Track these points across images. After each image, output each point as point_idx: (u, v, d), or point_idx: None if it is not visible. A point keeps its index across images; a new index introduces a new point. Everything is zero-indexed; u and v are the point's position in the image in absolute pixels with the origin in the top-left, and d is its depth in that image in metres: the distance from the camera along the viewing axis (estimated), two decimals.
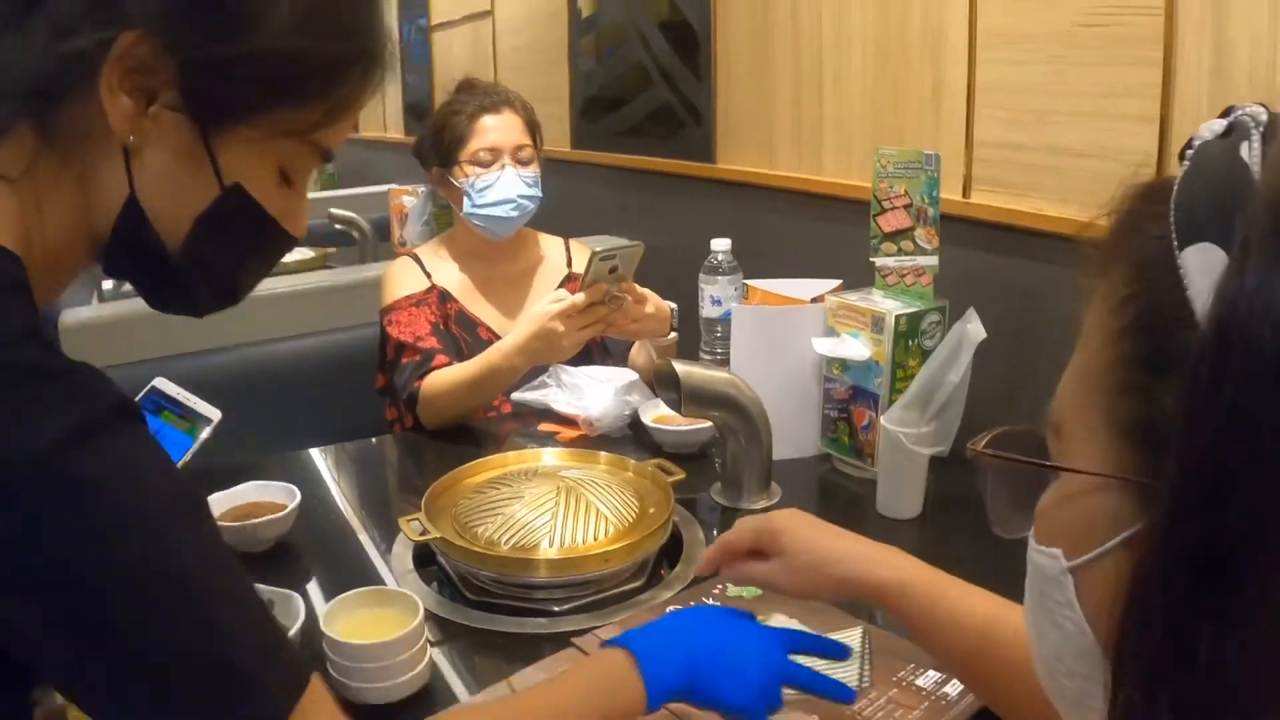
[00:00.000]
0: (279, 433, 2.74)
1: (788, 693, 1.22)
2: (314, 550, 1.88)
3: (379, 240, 4.36)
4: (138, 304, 3.39)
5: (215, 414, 1.96)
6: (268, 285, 3.47)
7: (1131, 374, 0.65)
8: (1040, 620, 0.74)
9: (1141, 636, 0.62)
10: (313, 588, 1.72)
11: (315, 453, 2.37)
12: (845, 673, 1.37)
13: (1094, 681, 0.69)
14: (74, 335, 2.94)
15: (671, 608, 1.53)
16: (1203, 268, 0.60)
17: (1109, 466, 0.66)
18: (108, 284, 4.57)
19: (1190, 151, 0.66)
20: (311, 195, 6.11)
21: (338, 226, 4.46)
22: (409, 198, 3.54)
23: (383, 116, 7.30)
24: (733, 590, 1.59)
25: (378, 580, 1.70)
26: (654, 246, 2.30)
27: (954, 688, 1.36)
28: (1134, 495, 0.65)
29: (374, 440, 2.50)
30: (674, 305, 2.35)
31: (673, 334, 2.36)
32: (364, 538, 1.92)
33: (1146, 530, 0.62)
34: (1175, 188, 0.65)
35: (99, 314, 3.12)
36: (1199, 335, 0.58)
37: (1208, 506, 0.58)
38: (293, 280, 3.59)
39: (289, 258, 4.47)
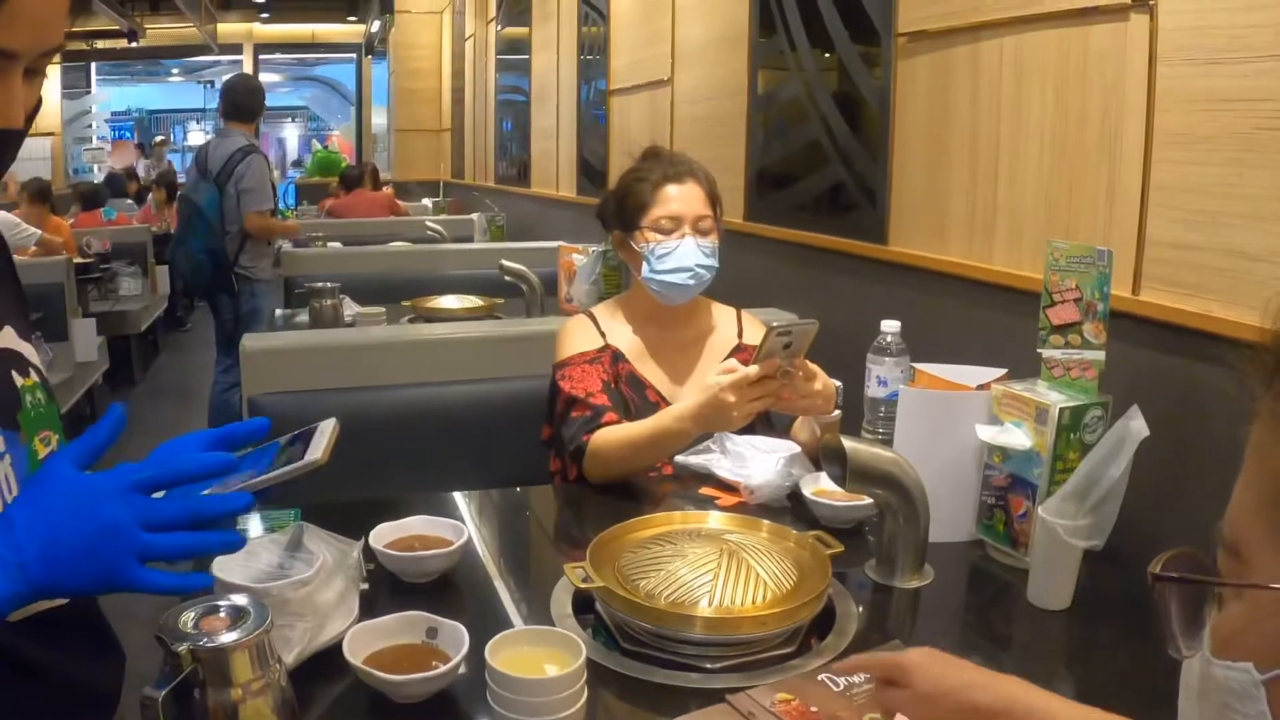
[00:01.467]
0: (437, 472, 2.82)
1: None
2: (475, 587, 1.94)
3: (546, 294, 4.45)
4: (317, 335, 3.57)
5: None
6: (441, 329, 3.61)
7: None
8: None
9: None
10: (471, 624, 1.76)
11: (478, 495, 2.43)
12: None
13: None
14: (255, 360, 3.04)
15: (822, 676, 1.57)
16: None
17: None
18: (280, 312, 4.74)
19: None
20: (480, 245, 6.31)
21: (507, 278, 4.55)
22: (579, 256, 3.62)
23: (555, 175, 7.41)
24: None
25: (536, 622, 1.75)
26: (822, 323, 2.34)
27: None
28: None
29: (539, 489, 2.58)
30: (839, 383, 2.39)
31: (837, 411, 2.40)
32: (524, 580, 1.99)
33: None
34: None
35: (277, 342, 3.24)
36: None
37: None
38: (462, 327, 3.68)
39: (454, 303, 4.62)
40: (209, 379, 6.55)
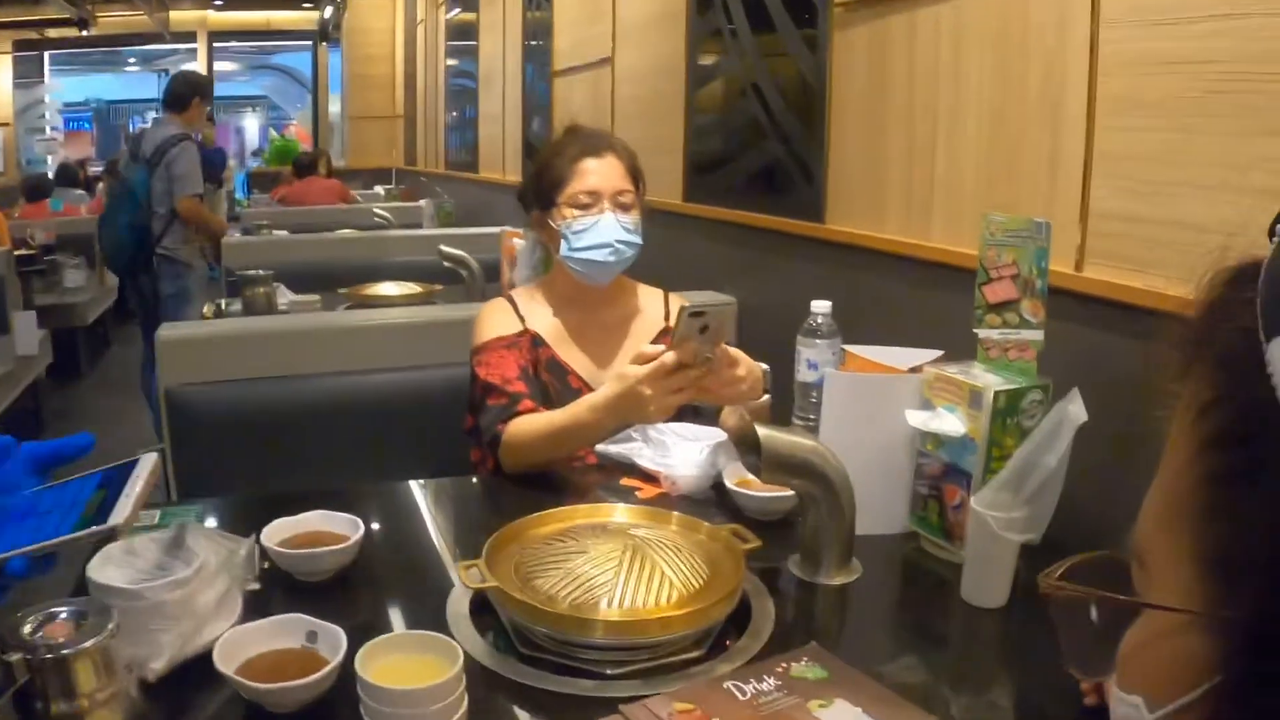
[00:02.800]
0: (365, 463, 2.77)
1: None
2: (373, 587, 1.85)
3: (488, 280, 4.37)
4: (238, 323, 3.47)
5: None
6: (368, 315, 3.51)
7: (1217, 494, 0.57)
8: None
9: None
10: (364, 625, 1.66)
11: (394, 486, 2.34)
12: None
13: None
14: (173, 350, 2.96)
15: (729, 683, 1.45)
16: None
17: (1193, 603, 0.58)
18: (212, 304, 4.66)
19: None
20: (423, 232, 6.29)
21: (446, 264, 4.49)
22: (519, 240, 3.55)
23: (502, 159, 7.34)
24: (796, 670, 1.50)
25: (431, 623, 1.62)
26: (758, 306, 2.24)
27: None
28: (1219, 637, 0.56)
29: (457, 480, 2.46)
30: (766, 367, 2.28)
31: (765, 397, 2.29)
32: (426, 578, 1.89)
33: (1223, 681, 0.55)
34: (1264, 267, 0.57)
35: (198, 330, 3.16)
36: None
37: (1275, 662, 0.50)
38: (394, 313, 3.60)
39: (392, 290, 4.56)
40: None
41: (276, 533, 1.85)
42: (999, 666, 1.72)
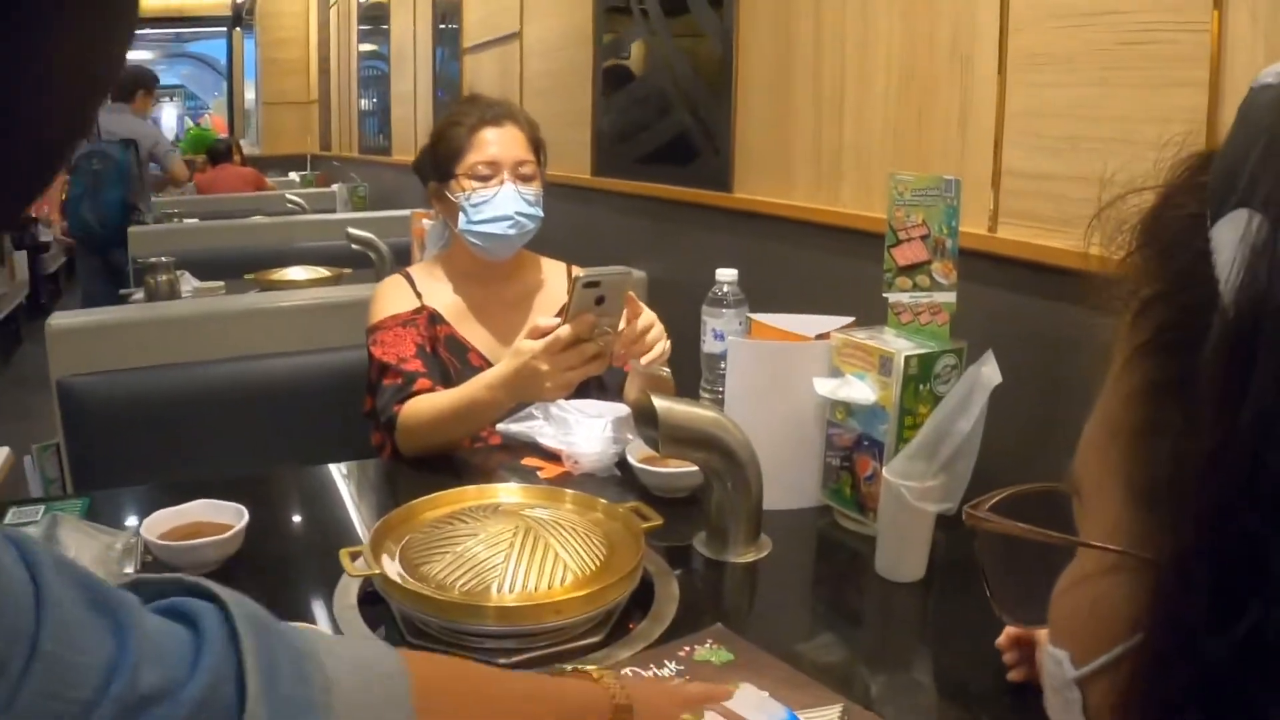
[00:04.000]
0: (265, 450, 2.69)
1: None
2: (259, 578, 1.74)
3: (398, 264, 4.27)
4: (132, 310, 3.35)
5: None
6: (271, 299, 3.41)
7: (1150, 409, 0.49)
8: None
9: None
10: None
11: (286, 473, 2.26)
12: None
13: None
14: (64, 339, 2.87)
15: (629, 669, 1.37)
16: (1235, 240, 0.43)
17: (1121, 539, 0.50)
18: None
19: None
20: (334, 216, 6.18)
21: (355, 247, 4.39)
22: (429, 221, 3.45)
23: (414, 140, 7.24)
24: (700, 654, 1.42)
25: (320, 615, 1.56)
26: (668, 279, 2.17)
27: None
28: (1143, 582, 0.48)
29: (354, 464, 2.36)
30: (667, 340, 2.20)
31: (665, 370, 2.20)
32: (313, 568, 1.78)
33: (1141, 648, 0.46)
34: (1222, 145, 0.48)
35: (89, 319, 3.05)
36: (1220, 327, 0.42)
37: (1215, 609, 0.41)
38: (292, 295, 3.52)
39: (300, 275, 4.46)
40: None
41: (158, 524, 1.75)
42: (918, 642, 1.65)
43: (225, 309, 3.27)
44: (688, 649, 1.44)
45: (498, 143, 2.38)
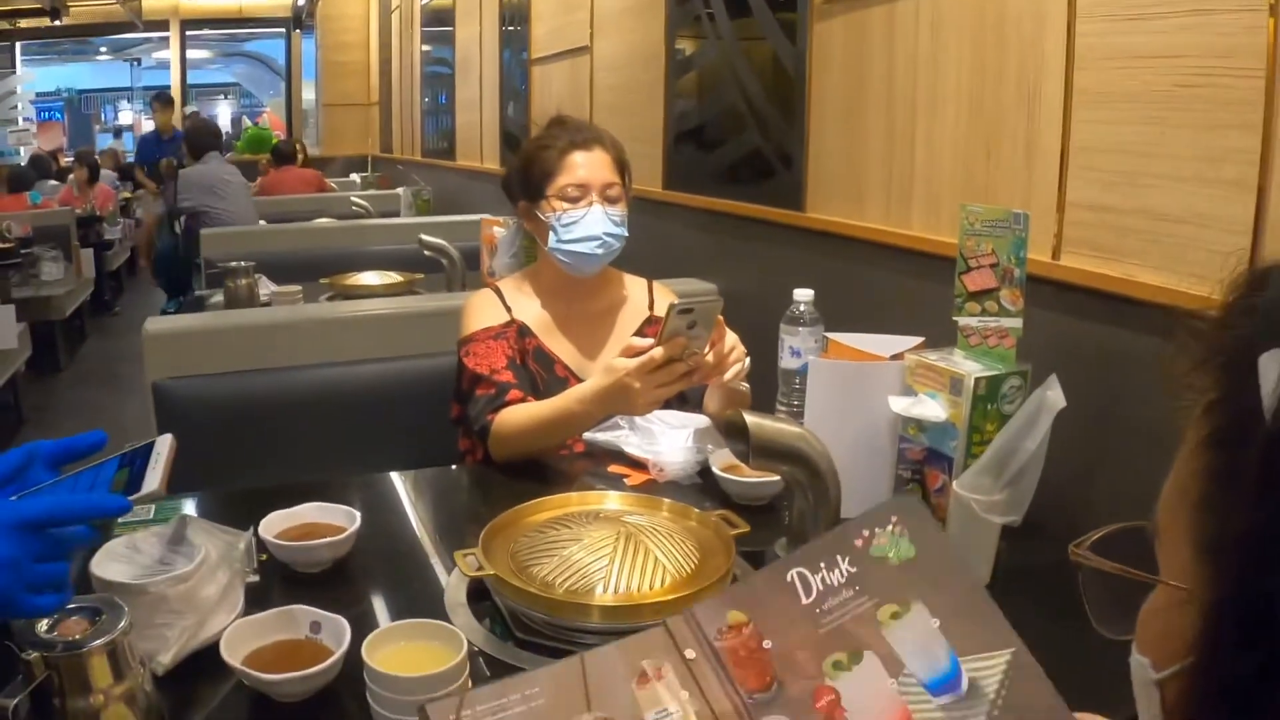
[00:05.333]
0: (354, 453, 2.77)
1: None
2: (370, 577, 1.87)
3: (468, 269, 4.37)
4: (224, 316, 3.48)
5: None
6: (352, 307, 3.53)
7: (1208, 489, 0.62)
8: None
9: None
10: (364, 614, 1.71)
11: (385, 477, 2.36)
12: None
13: None
14: (158, 344, 2.97)
15: (796, 570, 1.28)
16: (1276, 376, 0.56)
17: (1188, 581, 0.64)
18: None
19: None
20: (403, 220, 6.28)
21: (427, 253, 4.48)
22: (500, 229, 3.56)
23: (479, 146, 7.33)
24: (878, 547, 1.20)
25: (431, 611, 1.66)
26: (738, 293, 2.27)
27: None
28: (1201, 616, 0.62)
29: (446, 470, 2.50)
30: (748, 357, 2.31)
31: (744, 385, 2.32)
32: (423, 567, 1.91)
33: (1196, 659, 0.60)
34: (1271, 281, 0.61)
35: (184, 324, 3.17)
36: (1261, 446, 0.55)
37: (1244, 641, 0.55)
38: (378, 304, 3.61)
39: (374, 279, 4.58)
40: (136, 364, 6.56)
41: (273, 525, 1.87)
42: None
43: (312, 316, 3.36)
44: (865, 535, 1.23)
45: (586, 166, 2.49)
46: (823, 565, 1.19)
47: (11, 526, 1.18)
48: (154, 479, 1.28)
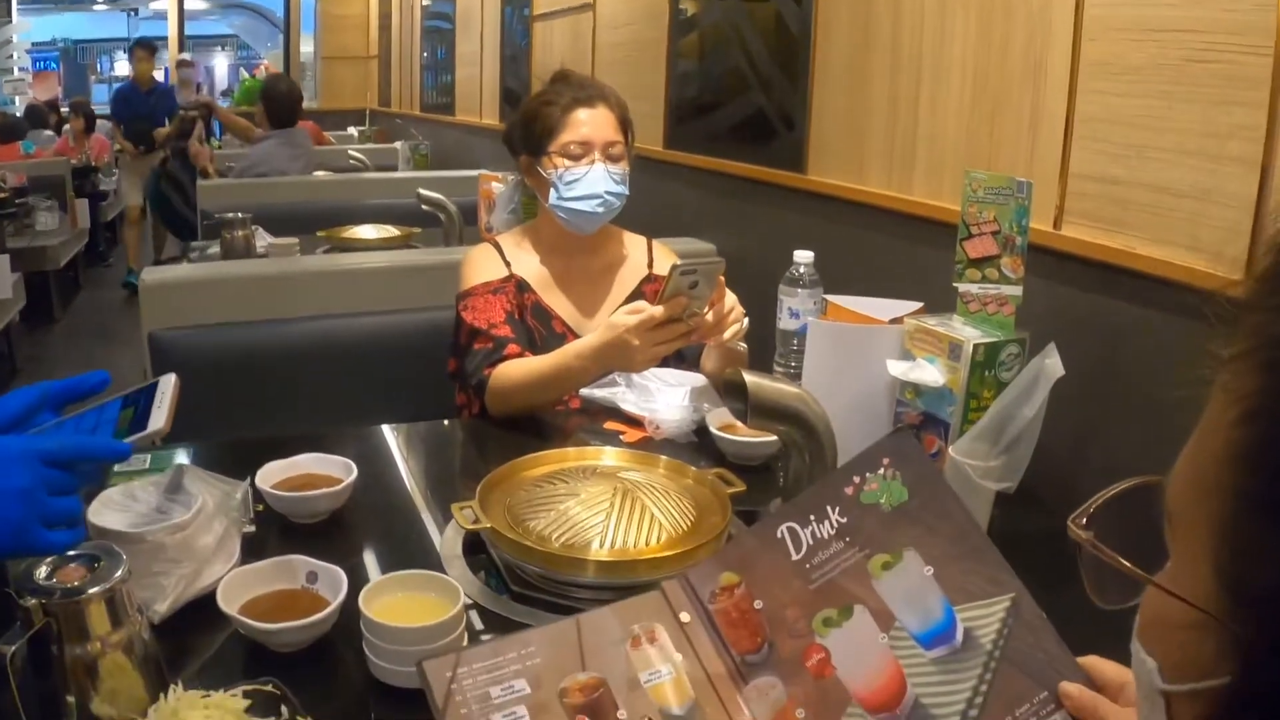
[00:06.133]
0: (348, 406, 2.78)
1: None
2: (366, 527, 1.88)
3: (465, 224, 4.36)
4: (220, 267, 3.48)
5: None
6: (349, 259, 3.53)
7: (1239, 512, 0.55)
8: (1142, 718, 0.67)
9: None
10: (360, 565, 1.73)
11: (381, 429, 2.36)
12: (952, 694, 1.07)
13: None
14: (156, 294, 2.97)
15: (787, 524, 1.24)
16: None
17: (1208, 603, 0.57)
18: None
19: None
20: (401, 175, 6.25)
21: (425, 207, 4.47)
22: (498, 184, 3.55)
23: (479, 101, 7.30)
24: (869, 493, 1.21)
25: (426, 563, 1.67)
26: (738, 253, 2.27)
27: None
28: (1227, 644, 0.56)
29: (442, 423, 2.50)
30: (747, 317, 2.32)
31: (742, 345, 2.33)
32: (418, 520, 1.92)
33: (1226, 693, 0.55)
34: None
35: (182, 274, 3.17)
36: None
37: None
38: (375, 257, 3.61)
39: (370, 233, 4.57)
40: (131, 315, 6.55)
41: (270, 475, 1.87)
42: None
43: (309, 269, 3.37)
44: (856, 481, 1.23)
45: (590, 123, 2.48)
46: (813, 518, 1.21)
47: (28, 457, 1.19)
48: (159, 417, 1.30)
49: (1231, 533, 0.55)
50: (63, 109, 13.98)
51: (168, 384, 1.35)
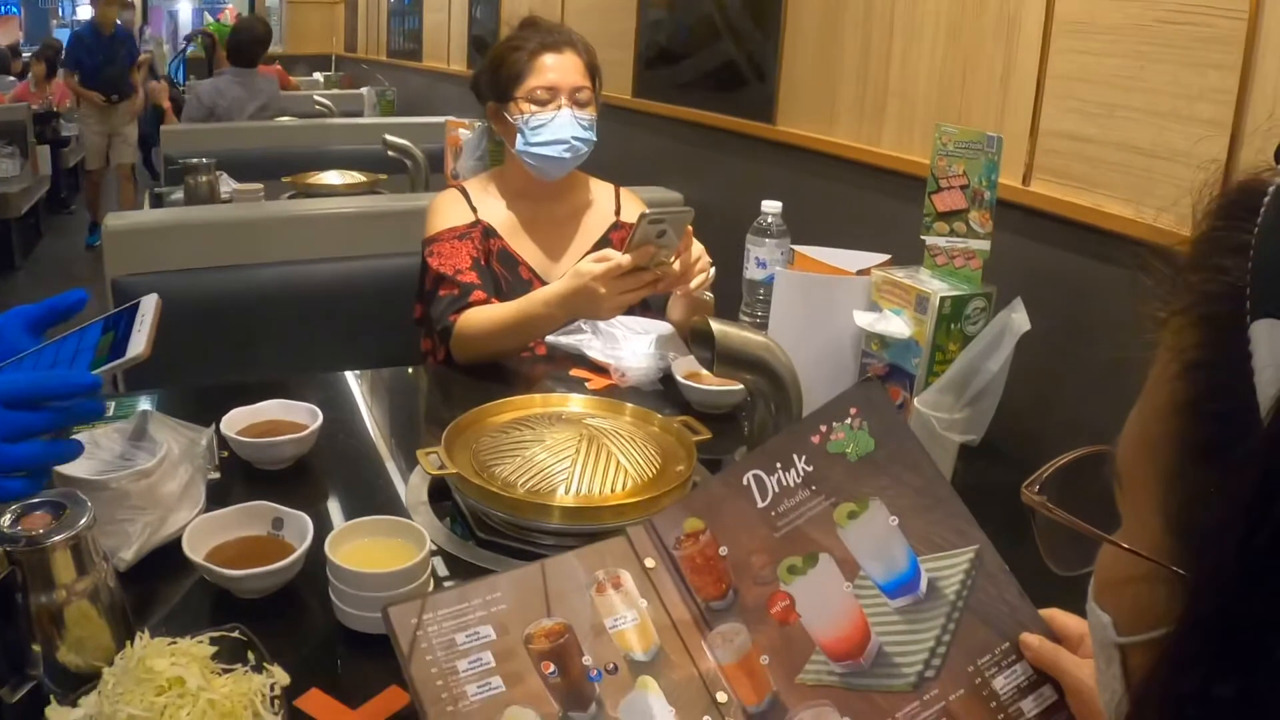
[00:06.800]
0: (313, 352, 2.77)
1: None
2: (332, 473, 1.87)
3: (432, 171, 4.34)
4: (185, 212, 3.45)
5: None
6: (315, 205, 3.51)
7: (1185, 461, 0.56)
8: (1099, 675, 0.69)
9: None
10: (325, 511, 1.72)
11: (346, 376, 2.35)
12: (915, 643, 1.08)
13: None
14: (118, 239, 2.96)
15: (753, 472, 1.25)
16: (1272, 351, 0.51)
17: (1158, 553, 0.59)
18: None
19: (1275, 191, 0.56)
20: (367, 120, 6.21)
21: (391, 153, 4.45)
22: (465, 130, 3.53)
23: (446, 48, 7.25)
24: (835, 442, 1.21)
25: (391, 509, 1.67)
26: (706, 203, 2.27)
27: (1034, 702, 1.05)
28: (1175, 591, 0.57)
29: (407, 370, 2.50)
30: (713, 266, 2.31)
31: (708, 295, 2.32)
32: (383, 466, 1.91)
33: (1175, 637, 0.57)
34: (1255, 237, 0.54)
35: (144, 219, 3.15)
36: (1257, 434, 0.50)
37: (1225, 654, 0.52)
38: (340, 202, 3.59)
39: (336, 179, 4.54)
40: (93, 262, 6.48)
41: (235, 422, 1.86)
42: None
43: (274, 214, 3.35)
44: (823, 430, 1.22)
45: (556, 69, 2.47)
46: (779, 466, 1.21)
47: None
48: (140, 341, 1.27)
49: (1179, 480, 0.57)
50: (24, 54, 13.75)
51: (149, 305, 1.33)
